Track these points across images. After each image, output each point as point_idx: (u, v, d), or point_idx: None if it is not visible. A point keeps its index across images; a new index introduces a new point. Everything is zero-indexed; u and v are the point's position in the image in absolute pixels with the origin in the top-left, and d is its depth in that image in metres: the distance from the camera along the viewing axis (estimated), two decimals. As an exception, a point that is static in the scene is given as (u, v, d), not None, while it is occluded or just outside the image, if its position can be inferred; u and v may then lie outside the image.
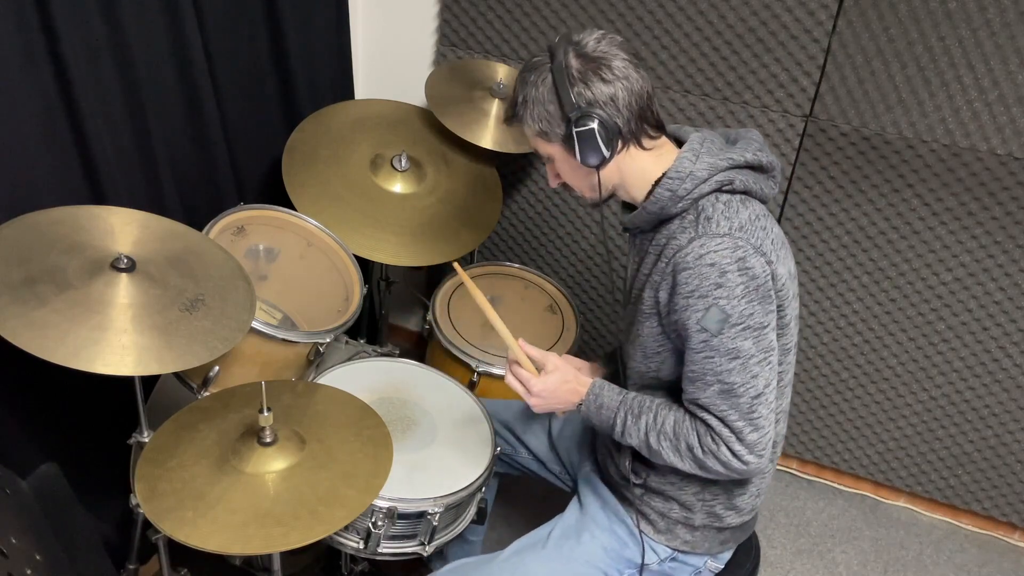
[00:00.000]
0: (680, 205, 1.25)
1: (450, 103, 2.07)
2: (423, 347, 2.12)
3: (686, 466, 1.29)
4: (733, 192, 1.26)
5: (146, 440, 1.48)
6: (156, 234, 1.46)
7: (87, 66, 1.49)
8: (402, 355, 1.84)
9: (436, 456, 1.55)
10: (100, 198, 1.59)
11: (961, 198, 1.98)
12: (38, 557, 1.18)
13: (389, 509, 1.42)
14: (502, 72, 2.16)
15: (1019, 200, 1.94)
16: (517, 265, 2.18)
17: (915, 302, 2.14)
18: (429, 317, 1.97)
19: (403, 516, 1.44)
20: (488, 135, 2.05)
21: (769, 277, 1.21)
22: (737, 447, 1.24)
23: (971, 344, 2.14)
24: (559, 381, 1.37)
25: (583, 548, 1.43)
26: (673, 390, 1.35)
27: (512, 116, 1.31)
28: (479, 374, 1.87)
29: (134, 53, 1.58)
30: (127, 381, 1.40)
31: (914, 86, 1.90)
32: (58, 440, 1.63)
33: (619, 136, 1.25)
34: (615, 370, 1.57)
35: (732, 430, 1.24)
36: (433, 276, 2.58)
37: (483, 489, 1.56)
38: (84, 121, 1.51)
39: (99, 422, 1.70)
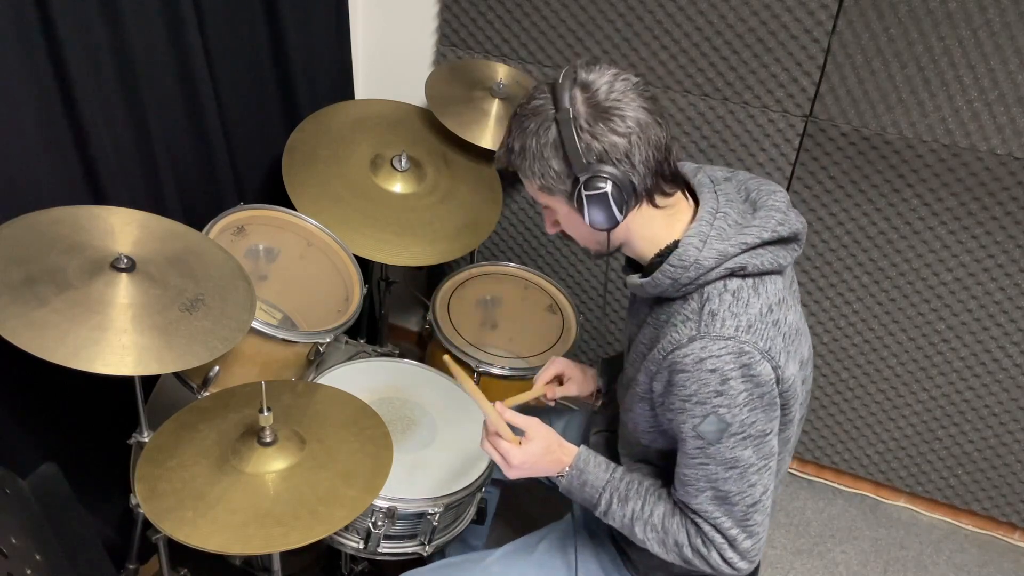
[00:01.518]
0: (683, 290, 1.14)
1: (450, 103, 2.07)
2: (423, 347, 2.12)
3: (670, 558, 1.22)
4: (746, 276, 1.13)
5: (146, 440, 1.48)
6: (156, 234, 1.46)
7: (87, 66, 1.49)
8: (402, 355, 1.84)
9: (436, 456, 1.55)
10: (100, 198, 1.59)
11: (961, 198, 1.98)
12: (38, 557, 1.18)
13: (389, 509, 1.42)
14: (502, 72, 2.16)
15: (1019, 200, 1.94)
16: (517, 265, 2.18)
17: (915, 302, 2.14)
18: (429, 317, 1.97)
19: (403, 516, 1.44)
20: (488, 135, 2.05)
21: (774, 383, 1.11)
22: (729, 554, 1.16)
23: (971, 344, 2.14)
24: (542, 451, 1.25)
25: (569, 569, 1.41)
26: (661, 464, 1.29)
27: (505, 163, 1.16)
28: (479, 374, 1.87)
29: (134, 53, 1.58)
30: (127, 381, 1.40)
31: (914, 86, 1.90)
32: (58, 440, 1.63)
33: (634, 195, 1.11)
34: (608, 380, 1.55)
35: (725, 537, 1.16)
36: (433, 276, 2.58)
37: (483, 489, 1.56)
38: (84, 121, 1.51)
39: (99, 422, 1.70)
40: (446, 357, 1.33)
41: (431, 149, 2.12)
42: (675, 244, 1.16)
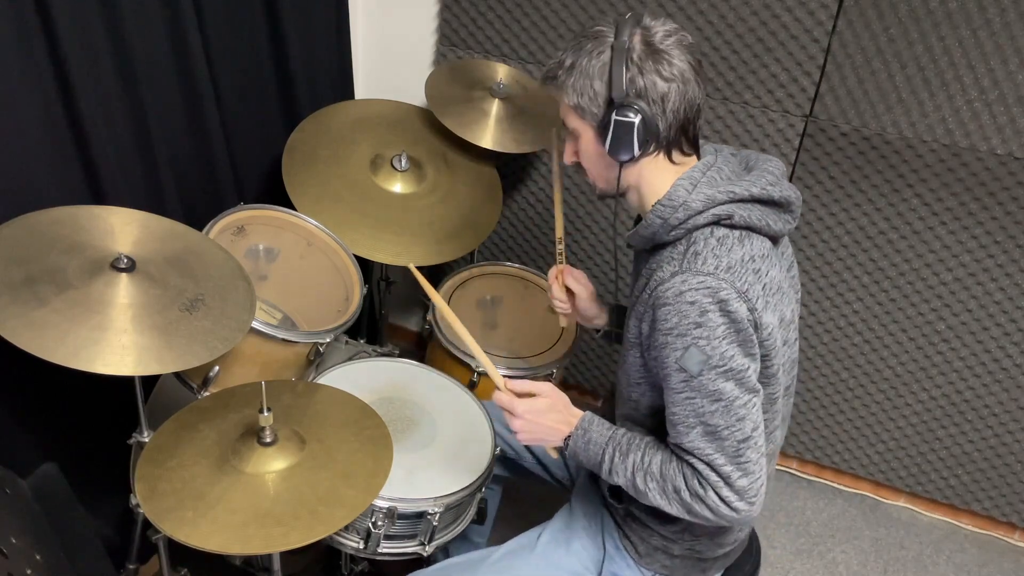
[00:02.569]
0: (673, 234, 1.19)
1: (450, 103, 2.07)
2: (423, 347, 2.12)
3: (673, 509, 1.22)
4: (732, 227, 1.18)
5: (146, 440, 1.48)
6: (156, 234, 1.46)
7: (87, 66, 1.49)
8: (402, 355, 1.84)
9: (436, 456, 1.55)
10: (100, 198, 1.59)
11: (961, 198, 1.98)
12: (38, 557, 1.18)
13: (389, 509, 1.42)
14: (502, 72, 2.16)
15: (1019, 200, 1.94)
16: (517, 265, 2.18)
17: (915, 302, 2.14)
18: (429, 317, 1.97)
19: (403, 516, 1.44)
20: (488, 135, 2.05)
21: (751, 325, 1.14)
22: (726, 492, 1.16)
23: (971, 344, 2.14)
24: (547, 407, 1.28)
25: (572, 558, 1.42)
26: (649, 424, 1.31)
27: (551, 78, 1.21)
28: (479, 374, 1.87)
29: (134, 53, 1.58)
30: (127, 381, 1.40)
31: (914, 86, 1.90)
32: (58, 440, 1.63)
33: (655, 139, 1.17)
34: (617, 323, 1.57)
35: (720, 475, 1.16)
36: (433, 276, 2.58)
37: (483, 489, 1.56)
38: (84, 121, 1.51)
39: (99, 422, 1.70)
40: (411, 267, 1.40)
41: (431, 149, 2.12)
42: (660, 200, 1.20)
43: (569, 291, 1.57)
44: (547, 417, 1.29)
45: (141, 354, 1.25)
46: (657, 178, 1.22)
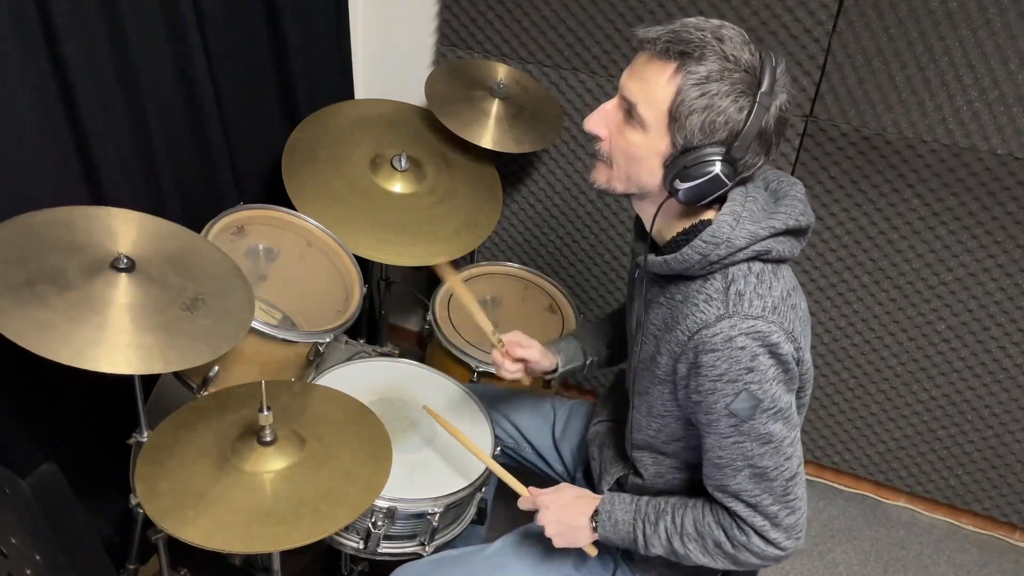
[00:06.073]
0: (709, 268, 1.15)
1: (450, 103, 2.07)
2: (423, 347, 2.12)
3: (719, 564, 1.21)
4: (767, 261, 1.16)
5: (145, 440, 1.48)
6: (153, 234, 1.46)
7: (87, 66, 1.49)
8: (402, 355, 1.84)
9: (436, 456, 1.55)
10: (100, 198, 1.59)
11: (961, 198, 1.98)
12: (38, 557, 1.18)
13: (389, 509, 1.42)
14: (502, 72, 2.16)
15: (1019, 200, 1.94)
16: (517, 265, 2.18)
17: (915, 302, 2.14)
18: (429, 317, 1.97)
19: (403, 516, 1.44)
20: (488, 135, 2.05)
21: (795, 362, 1.13)
22: (773, 534, 1.16)
23: (971, 344, 2.14)
24: (570, 497, 1.32)
25: (569, 558, 1.41)
26: (668, 451, 1.30)
27: (682, 53, 1.09)
28: (479, 374, 1.87)
29: (134, 53, 1.58)
30: (127, 381, 1.40)
31: (914, 86, 1.90)
32: (58, 440, 1.63)
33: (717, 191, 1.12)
34: (570, 358, 1.56)
35: (766, 516, 1.16)
36: (433, 276, 2.58)
37: (483, 489, 1.56)
38: (84, 121, 1.50)
39: (99, 422, 1.70)
40: (425, 407, 1.45)
41: (431, 149, 2.12)
42: (700, 224, 1.17)
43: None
44: (573, 507, 1.31)
45: (144, 353, 1.25)
46: (686, 207, 1.17)
